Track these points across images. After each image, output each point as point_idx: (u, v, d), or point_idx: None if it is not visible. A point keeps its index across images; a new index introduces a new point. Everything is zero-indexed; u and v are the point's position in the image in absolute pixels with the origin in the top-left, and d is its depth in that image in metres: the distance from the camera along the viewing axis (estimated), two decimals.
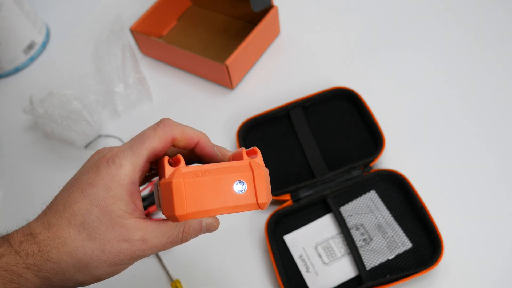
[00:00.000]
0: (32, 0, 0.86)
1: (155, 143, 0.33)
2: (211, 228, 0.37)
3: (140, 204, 0.34)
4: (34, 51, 0.85)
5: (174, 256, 0.61)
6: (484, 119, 0.65)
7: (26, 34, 0.82)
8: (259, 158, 0.34)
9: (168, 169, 0.32)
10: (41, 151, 0.75)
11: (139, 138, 0.34)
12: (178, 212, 0.31)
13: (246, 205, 0.31)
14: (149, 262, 0.61)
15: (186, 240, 0.36)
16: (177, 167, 0.32)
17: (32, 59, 0.85)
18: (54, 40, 0.89)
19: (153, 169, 0.39)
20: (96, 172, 0.32)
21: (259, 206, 0.32)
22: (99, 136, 0.72)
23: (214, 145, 0.37)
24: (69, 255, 0.31)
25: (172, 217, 0.32)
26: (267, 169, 0.33)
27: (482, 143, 0.63)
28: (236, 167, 0.32)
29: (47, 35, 0.88)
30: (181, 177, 0.31)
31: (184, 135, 0.35)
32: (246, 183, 0.32)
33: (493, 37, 0.72)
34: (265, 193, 0.32)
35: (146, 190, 0.65)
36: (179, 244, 0.35)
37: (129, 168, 0.32)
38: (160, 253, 0.61)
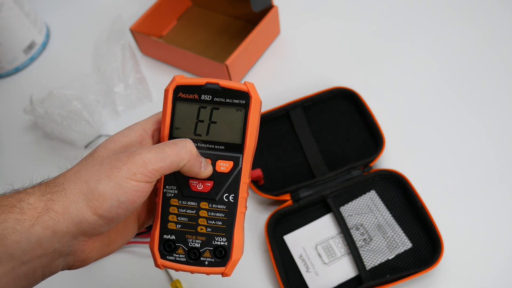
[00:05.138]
0: (32, 0, 0.86)
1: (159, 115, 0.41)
2: (207, 166, 0.36)
3: None
4: (34, 51, 0.85)
5: None
6: (484, 119, 0.65)
7: (26, 34, 0.82)
8: None
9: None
10: (41, 151, 0.75)
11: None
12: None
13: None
14: (149, 262, 0.61)
15: (182, 158, 0.34)
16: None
17: (32, 59, 0.85)
18: (54, 40, 0.89)
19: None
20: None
21: None
22: (99, 136, 0.72)
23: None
24: (72, 172, 0.33)
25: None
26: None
27: (483, 143, 0.63)
28: None
29: (47, 35, 0.88)
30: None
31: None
32: None
33: (494, 36, 0.72)
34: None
35: None
36: (176, 160, 0.33)
37: (140, 124, 0.40)
38: None
